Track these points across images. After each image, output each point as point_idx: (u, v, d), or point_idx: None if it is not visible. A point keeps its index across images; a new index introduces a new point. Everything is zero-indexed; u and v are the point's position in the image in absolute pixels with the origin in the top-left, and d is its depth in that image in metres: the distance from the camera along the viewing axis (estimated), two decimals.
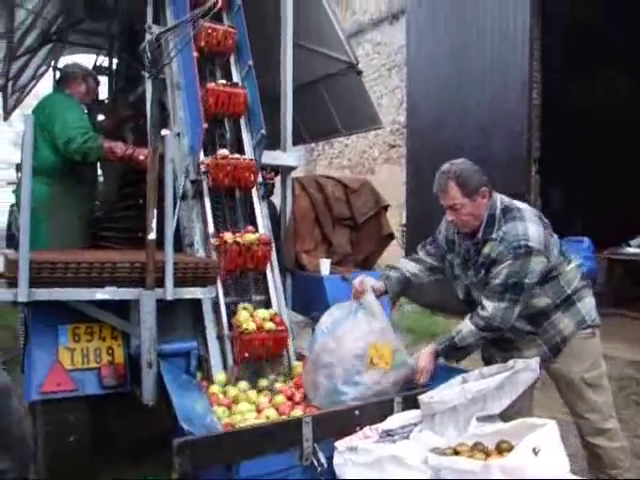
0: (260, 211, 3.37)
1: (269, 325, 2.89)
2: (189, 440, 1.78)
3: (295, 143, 5.06)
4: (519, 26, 6.40)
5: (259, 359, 2.88)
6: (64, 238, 3.76)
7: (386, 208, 4.27)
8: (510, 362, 2.28)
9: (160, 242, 2.66)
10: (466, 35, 7.10)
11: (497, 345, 2.64)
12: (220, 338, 2.86)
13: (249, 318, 2.89)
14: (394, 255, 8.14)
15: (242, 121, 3.57)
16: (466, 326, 2.49)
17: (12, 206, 9.90)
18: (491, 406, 2.15)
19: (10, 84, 5.45)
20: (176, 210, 2.99)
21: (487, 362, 2.71)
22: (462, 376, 2.38)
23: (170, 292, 2.58)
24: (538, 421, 1.88)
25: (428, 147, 7.56)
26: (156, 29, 3.74)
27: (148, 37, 3.69)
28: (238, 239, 3.06)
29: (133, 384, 2.65)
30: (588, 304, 2.57)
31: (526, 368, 2.19)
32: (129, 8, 4.42)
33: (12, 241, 8.88)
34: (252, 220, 3.35)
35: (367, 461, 1.90)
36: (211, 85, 3.42)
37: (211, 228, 3.14)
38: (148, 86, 3.32)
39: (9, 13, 3.26)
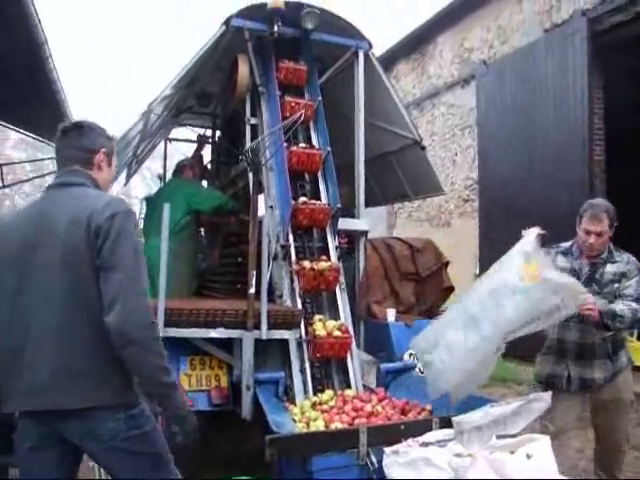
0: (332, 244, 4.18)
1: (336, 333, 3.68)
2: (277, 436, 2.52)
3: (372, 205, 5.87)
4: (577, 87, 6.91)
5: (328, 359, 3.69)
6: (175, 286, 4.35)
7: (447, 264, 4.91)
8: (531, 395, 2.86)
9: (257, 294, 3.49)
10: (530, 97, 7.65)
11: (579, 359, 3.25)
12: (302, 371, 3.60)
13: (322, 326, 3.69)
14: None
15: (319, 175, 4.45)
16: (619, 306, 3.05)
17: None
18: (511, 428, 2.72)
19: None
20: (269, 269, 3.83)
21: (557, 377, 3.31)
22: (490, 404, 2.96)
23: (265, 333, 3.40)
24: (537, 436, 2.47)
25: (498, 201, 8.09)
26: (253, 120, 4.69)
27: (248, 127, 4.65)
28: (314, 266, 3.90)
29: (234, 404, 3.45)
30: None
31: (539, 399, 2.76)
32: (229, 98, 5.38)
33: None
34: (325, 252, 4.17)
35: (406, 461, 2.55)
36: (294, 148, 4.32)
37: (294, 257, 3.97)
38: (250, 175, 4.25)
39: (147, 119, 4.31)
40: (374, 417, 3.12)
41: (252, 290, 3.38)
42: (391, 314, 4.33)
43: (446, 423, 2.86)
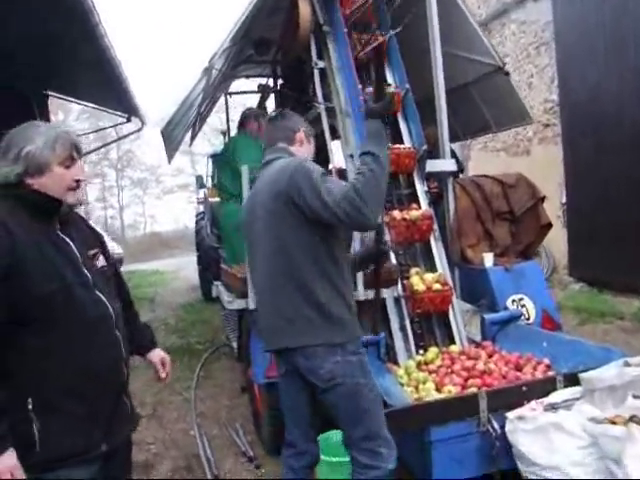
0: (421, 190, 3.88)
1: (436, 286, 3.44)
2: (393, 410, 2.35)
3: (452, 141, 5.47)
4: None
5: (429, 314, 3.47)
6: None
7: (543, 199, 4.50)
8: None
9: None
10: (619, 1, 6.86)
11: None
12: (402, 329, 3.41)
13: (419, 280, 3.45)
14: (556, 235, 8.15)
15: (399, 116, 4.11)
16: None
17: (198, 215, 11.37)
18: None
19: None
20: None
21: None
22: (624, 360, 2.66)
23: (362, 294, 3.19)
24: None
25: (584, 122, 7.44)
26: (321, 64, 4.37)
27: (316, 72, 4.35)
28: (405, 216, 3.63)
29: None
30: None
31: None
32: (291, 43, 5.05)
33: (201, 244, 10.20)
34: (414, 199, 3.88)
35: (533, 427, 2.33)
36: (368, 89, 3.95)
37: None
38: (322, 112, 4.00)
39: (209, 75, 4.09)
40: (487, 376, 2.90)
41: None
42: (488, 259, 4.02)
43: (570, 380, 2.62)
